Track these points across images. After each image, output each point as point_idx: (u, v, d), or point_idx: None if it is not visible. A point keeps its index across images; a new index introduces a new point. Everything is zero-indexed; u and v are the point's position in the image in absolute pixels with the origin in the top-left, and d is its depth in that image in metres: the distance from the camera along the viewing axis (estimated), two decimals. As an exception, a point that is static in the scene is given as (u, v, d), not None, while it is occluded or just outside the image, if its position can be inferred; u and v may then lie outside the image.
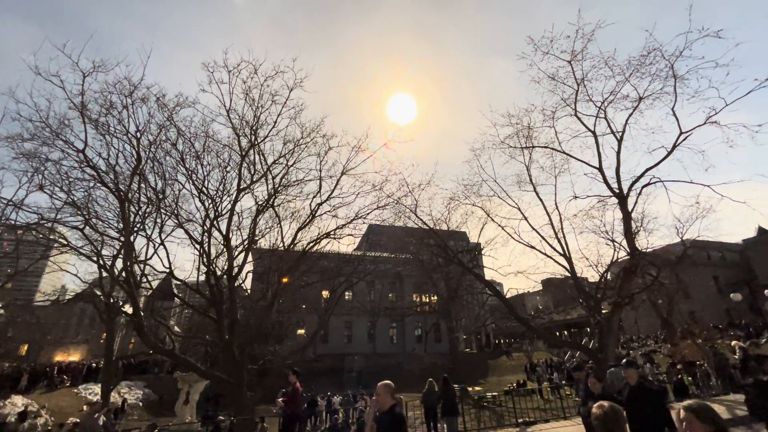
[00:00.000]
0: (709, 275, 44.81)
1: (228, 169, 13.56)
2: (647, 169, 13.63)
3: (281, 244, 14.48)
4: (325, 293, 32.47)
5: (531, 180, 16.26)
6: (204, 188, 13.06)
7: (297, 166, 13.98)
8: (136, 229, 13.53)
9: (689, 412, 2.11)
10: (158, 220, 13.65)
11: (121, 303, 21.20)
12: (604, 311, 15.62)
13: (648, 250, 17.72)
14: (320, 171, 13.98)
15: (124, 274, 12.35)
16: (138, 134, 11.95)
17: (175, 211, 13.31)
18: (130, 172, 12.19)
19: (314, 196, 14.01)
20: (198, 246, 13.07)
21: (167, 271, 13.14)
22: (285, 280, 16.01)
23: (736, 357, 14.33)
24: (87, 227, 12.92)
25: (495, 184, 16.87)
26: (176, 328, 39.33)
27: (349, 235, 14.32)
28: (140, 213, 13.49)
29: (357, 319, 41.70)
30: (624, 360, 5.03)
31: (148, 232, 13.80)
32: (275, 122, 13.30)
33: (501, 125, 16.58)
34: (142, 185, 12.77)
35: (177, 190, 13.69)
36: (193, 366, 12.38)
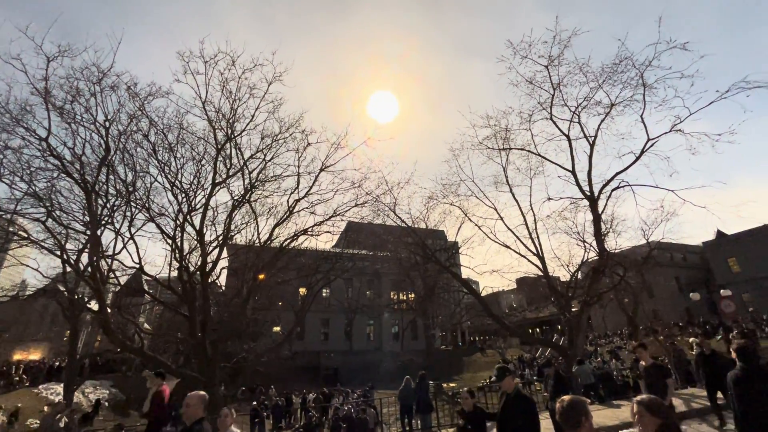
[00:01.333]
0: (672, 275, 47.17)
1: (203, 162, 13.20)
2: (617, 173, 14.20)
3: (257, 241, 14.23)
4: (302, 290, 32.18)
5: (507, 181, 16.62)
6: (177, 181, 12.66)
7: (275, 161, 13.77)
8: (103, 222, 12.97)
9: (640, 406, 2.21)
10: (128, 214, 13.10)
11: (86, 299, 20.31)
12: (573, 309, 16.19)
13: (616, 251, 18.47)
14: (298, 167, 13.83)
15: (90, 269, 11.82)
16: (107, 123, 11.46)
17: (146, 205, 12.82)
18: (98, 163, 11.67)
19: (292, 192, 13.86)
20: (170, 241, 12.66)
21: (137, 266, 12.67)
22: (261, 277, 15.76)
23: (693, 353, 15.19)
24: (50, 219, 12.29)
25: (473, 184, 17.17)
26: (146, 326, 38.03)
27: (327, 232, 14.24)
28: (108, 206, 12.93)
29: (334, 316, 41.55)
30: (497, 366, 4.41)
31: (117, 226, 13.25)
32: (253, 116, 13.06)
33: (480, 126, 16.89)
34: (111, 177, 12.26)
35: (148, 183, 13.21)
36: (163, 364, 12.00)
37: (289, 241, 14.01)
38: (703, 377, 7.59)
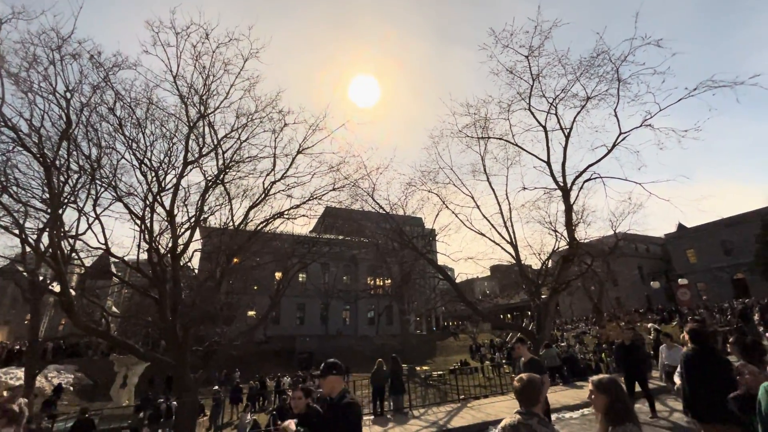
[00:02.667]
0: (635, 265, 49.64)
1: (174, 140, 12.61)
2: (589, 165, 14.63)
3: (231, 223, 13.87)
4: (278, 275, 31.89)
5: (485, 170, 16.85)
6: (146, 159, 12.07)
7: (250, 141, 13.30)
8: (65, 200, 12.28)
9: (593, 385, 2.42)
10: (93, 192, 12.45)
11: (48, 281, 19.37)
12: (543, 296, 16.79)
13: (585, 240, 19.20)
14: (275, 148, 13.44)
15: (51, 249, 11.22)
16: (67, 94, 10.70)
17: (113, 183, 12.19)
18: (59, 137, 10.97)
19: (268, 174, 13.49)
20: (139, 222, 12.14)
21: (103, 247, 12.12)
22: (236, 260, 15.44)
23: (651, 337, 16.15)
24: (5, 195, 11.52)
25: (451, 172, 17.32)
26: (114, 309, 36.85)
27: (303, 216, 14.00)
28: (71, 183, 12.23)
29: (310, 301, 41.52)
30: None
31: (81, 205, 12.58)
32: (227, 93, 12.52)
33: (460, 114, 16.97)
34: (73, 152, 11.54)
35: (115, 160, 12.54)
36: (130, 348, 11.68)
37: (264, 224, 13.72)
38: (622, 367, 7.59)
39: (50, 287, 18.32)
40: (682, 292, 15.23)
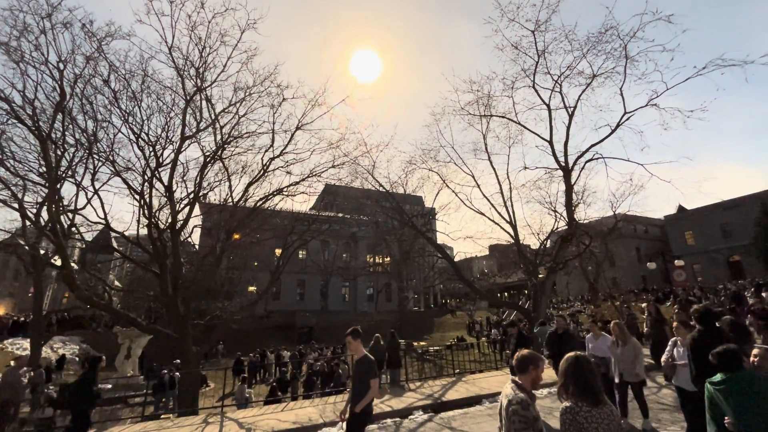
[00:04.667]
0: (633, 246, 49.94)
1: (171, 114, 12.40)
2: (592, 145, 14.46)
3: (230, 199, 13.84)
4: (278, 251, 32.18)
5: (486, 149, 16.67)
6: (143, 134, 11.92)
7: (248, 116, 13.09)
8: (63, 175, 12.20)
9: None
10: (90, 167, 12.36)
11: (50, 254, 19.53)
12: (540, 276, 16.96)
13: (584, 221, 19.22)
14: (273, 124, 13.24)
15: (50, 223, 11.25)
16: (60, 65, 10.45)
17: (111, 158, 12.09)
18: (53, 110, 10.78)
19: (266, 150, 13.35)
20: (138, 197, 12.12)
21: (103, 222, 12.15)
22: (236, 236, 15.50)
23: (644, 316, 16.43)
24: (1, 168, 11.45)
25: (452, 150, 17.19)
26: (117, 283, 37.33)
27: (302, 193, 13.96)
28: (67, 156, 12.13)
29: (310, 277, 42.02)
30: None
31: (79, 179, 12.52)
32: (225, 66, 12.22)
33: (462, 91, 16.68)
34: (69, 125, 11.38)
35: (112, 134, 12.39)
36: (132, 321, 11.90)
37: (263, 200, 13.71)
38: (552, 356, 7.32)
39: (52, 261, 18.49)
40: (678, 273, 15.39)
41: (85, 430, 6.43)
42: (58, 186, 11.55)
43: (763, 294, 12.26)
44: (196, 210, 14.61)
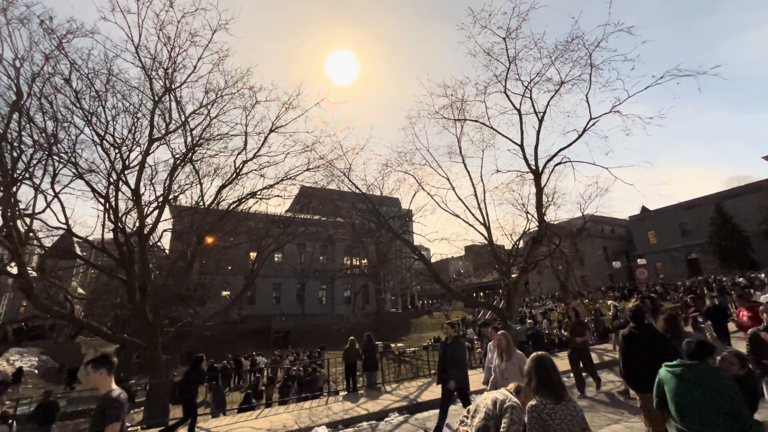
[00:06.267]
0: (600, 245, 52.07)
1: (138, 115, 11.97)
2: (560, 149, 14.99)
3: (201, 202, 13.50)
4: (252, 255, 31.56)
5: (461, 152, 16.97)
6: (108, 135, 11.45)
7: (220, 118, 12.82)
8: (20, 177, 11.54)
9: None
10: (50, 169, 11.75)
11: (6, 261, 18.37)
12: (513, 275, 17.43)
13: (555, 222, 19.90)
14: (246, 126, 13.03)
15: (5, 228, 10.61)
16: (17, 63, 9.93)
17: (72, 159, 11.54)
18: (9, 109, 10.20)
19: (239, 153, 13.12)
20: (103, 200, 11.61)
21: (64, 227, 11.58)
22: (210, 240, 15.11)
23: (610, 313, 17.18)
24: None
25: (428, 153, 17.42)
26: (80, 290, 35.52)
27: (277, 196, 13.79)
28: (24, 158, 11.48)
29: (286, 280, 41.43)
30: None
31: (37, 182, 11.87)
32: (195, 67, 11.93)
33: (437, 95, 16.94)
34: (26, 125, 10.79)
35: (74, 135, 11.84)
36: (96, 329, 11.37)
37: (236, 203, 13.44)
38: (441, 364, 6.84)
39: (7, 268, 17.39)
40: (641, 271, 16.21)
41: (194, 421, 7.39)
42: (15, 189, 10.93)
43: (714, 295, 13.08)
44: (166, 213, 14.17)
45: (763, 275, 28.13)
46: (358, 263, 45.48)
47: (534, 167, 15.33)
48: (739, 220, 39.47)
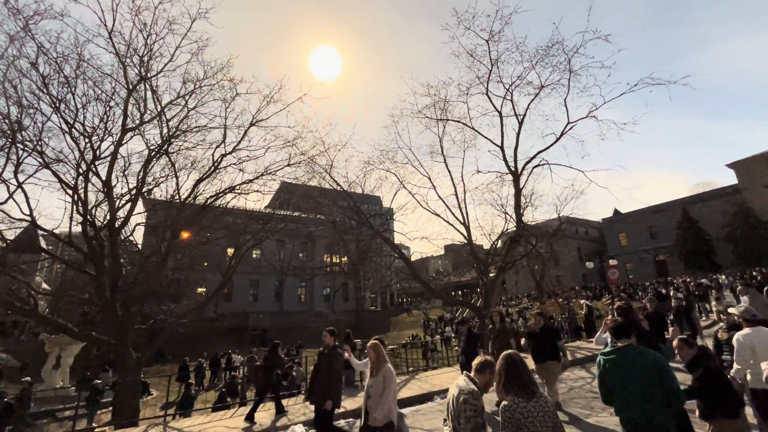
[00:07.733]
0: (575, 246, 53.73)
1: (111, 104, 11.47)
2: (539, 152, 15.36)
3: (177, 196, 13.08)
4: (230, 251, 30.89)
5: (443, 151, 17.12)
6: (78, 123, 10.94)
7: (198, 110, 12.43)
8: (-21, 165, 10.88)
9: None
10: (13, 157, 11.12)
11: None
12: (491, 274, 17.75)
13: (532, 223, 20.37)
14: (225, 119, 12.70)
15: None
16: (-23, 43, 9.33)
17: (38, 148, 10.95)
18: (-32, 92, 9.60)
19: (218, 146, 12.78)
20: (71, 192, 11.08)
21: (28, 219, 10.99)
22: (186, 235, 14.66)
23: (583, 312, 17.74)
24: None
25: (410, 152, 17.60)
26: (44, 285, 33.83)
27: (256, 191, 13.51)
28: (-16, 145, 10.83)
29: (264, 277, 40.79)
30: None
31: (-1, 171, 11.20)
32: (172, 56, 11.52)
33: (420, 95, 17.04)
34: (-13, 110, 10.18)
35: (40, 122, 11.24)
36: (62, 327, 10.87)
37: (214, 198, 13.10)
38: None
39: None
40: (612, 271, 16.78)
41: (263, 399, 8.01)
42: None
43: (680, 295, 13.73)
44: (140, 207, 13.65)
45: (723, 277, 29.71)
46: (338, 261, 45.28)
47: (513, 168, 15.63)
48: (704, 225, 41.53)
